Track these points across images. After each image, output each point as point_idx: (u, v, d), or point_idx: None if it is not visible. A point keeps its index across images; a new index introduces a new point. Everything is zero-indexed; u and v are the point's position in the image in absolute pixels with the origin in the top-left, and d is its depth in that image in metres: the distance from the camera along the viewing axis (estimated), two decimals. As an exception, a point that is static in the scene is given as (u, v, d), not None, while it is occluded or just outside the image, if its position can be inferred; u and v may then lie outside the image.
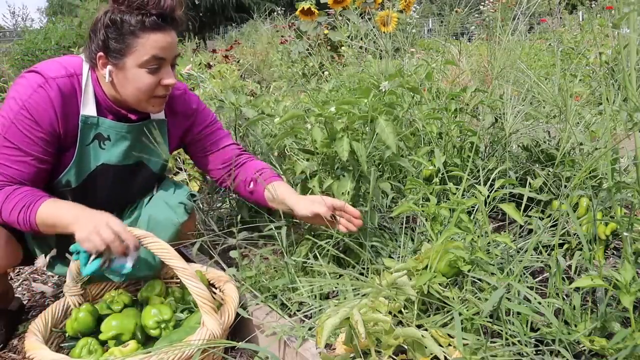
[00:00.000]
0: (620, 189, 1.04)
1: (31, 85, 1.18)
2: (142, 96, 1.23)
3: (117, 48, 1.17)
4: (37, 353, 1.05)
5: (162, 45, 1.18)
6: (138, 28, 1.15)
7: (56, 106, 1.19)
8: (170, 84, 1.23)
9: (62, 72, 1.21)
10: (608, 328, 0.98)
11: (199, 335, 1.07)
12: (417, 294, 1.11)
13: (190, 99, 1.46)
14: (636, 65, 0.94)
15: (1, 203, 1.18)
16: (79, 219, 1.15)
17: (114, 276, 1.33)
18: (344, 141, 1.32)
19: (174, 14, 1.20)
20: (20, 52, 7.77)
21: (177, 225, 1.38)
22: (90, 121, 1.25)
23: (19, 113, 1.17)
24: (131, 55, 1.17)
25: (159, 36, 1.17)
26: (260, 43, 6.58)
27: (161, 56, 1.19)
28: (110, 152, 1.30)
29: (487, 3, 4.06)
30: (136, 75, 1.19)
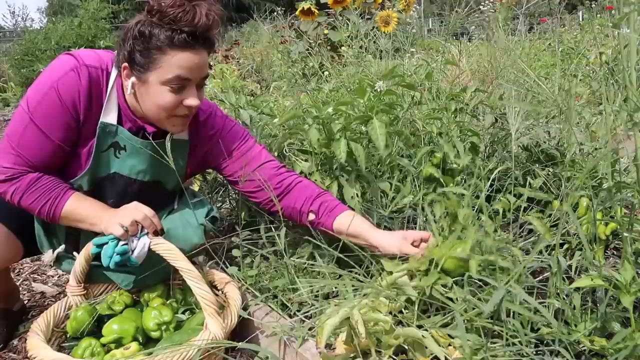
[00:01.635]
0: (620, 189, 1.04)
1: (63, 68, 1.16)
2: (162, 114, 1.18)
3: (142, 62, 1.13)
4: (39, 352, 1.05)
5: (189, 65, 1.12)
6: (166, 44, 1.10)
7: (82, 93, 1.16)
8: (192, 106, 1.17)
9: (96, 63, 1.19)
10: (608, 328, 0.98)
11: (201, 338, 1.07)
12: (418, 295, 1.11)
13: (215, 122, 1.38)
14: (636, 65, 0.94)
15: (23, 191, 1.18)
16: (107, 216, 1.18)
17: (121, 281, 1.33)
18: (342, 142, 1.32)
19: (208, 33, 1.13)
20: (20, 52, 7.76)
21: (191, 246, 1.36)
22: (109, 129, 1.22)
23: (46, 94, 1.15)
24: (155, 71, 1.13)
25: (186, 55, 1.11)
26: (260, 43, 6.58)
27: (186, 77, 1.13)
28: (123, 163, 1.27)
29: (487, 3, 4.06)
30: (158, 91, 1.14)
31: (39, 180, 1.19)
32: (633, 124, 0.91)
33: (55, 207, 1.19)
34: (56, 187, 1.20)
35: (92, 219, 1.20)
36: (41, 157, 1.18)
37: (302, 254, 1.43)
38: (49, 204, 1.19)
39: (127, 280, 1.34)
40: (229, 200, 2.03)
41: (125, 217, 1.16)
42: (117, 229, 1.14)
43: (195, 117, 1.34)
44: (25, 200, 1.19)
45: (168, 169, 1.25)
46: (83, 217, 1.21)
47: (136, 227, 1.17)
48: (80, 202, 1.22)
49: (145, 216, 1.17)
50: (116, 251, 1.14)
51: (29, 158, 1.17)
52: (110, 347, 1.18)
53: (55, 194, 1.20)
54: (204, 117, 1.37)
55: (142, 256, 1.17)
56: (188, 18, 1.09)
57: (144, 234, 1.18)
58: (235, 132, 1.40)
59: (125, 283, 1.34)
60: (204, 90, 1.24)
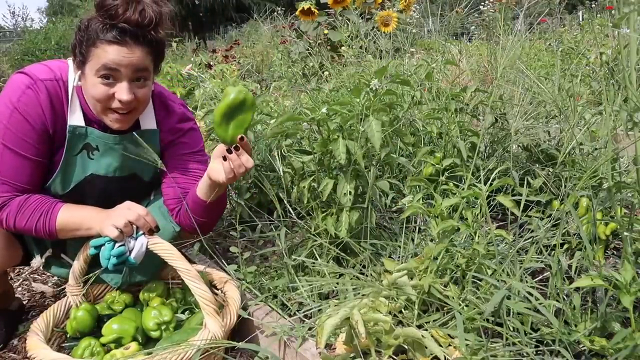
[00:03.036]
0: (620, 189, 1.04)
1: (19, 87, 1.18)
2: (97, 106, 1.19)
3: (80, 54, 1.16)
4: (39, 352, 1.05)
5: (117, 58, 1.12)
6: (97, 37, 1.12)
7: (44, 107, 1.18)
8: (122, 100, 1.16)
9: (50, 75, 1.21)
10: (608, 328, 0.98)
11: (201, 338, 1.07)
12: (418, 294, 1.11)
13: (189, 114, 1.43)
14: (636, 65, 0.94)
15: (15, 213, 1.19)
16: (101, 218, 1.18)
17: (110, 279, 1.33)
18: (340, 142, 1.32)
19: (144, 30, 1.14)
20: (20, 52, 7.78)
21: (174, 233, 1.37)
22: (79, 131, 1.23)
23: (11, 117, 1.17)
24: (89, 63, 1.15)
25: (114, 48, 1.12)
26: (260, 43, 6.58)
27: (112, 67, 1.13)
28: (99, 163, 1.28)
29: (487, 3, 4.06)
30: (91, 82, 1.16)
31: (27, 200, 1.20)
32: (633, 124, 0.91)
33: (49, 220, 1.20)
34: (46, 202, 1.21)
35: (87, 223, 1.21)
36: (25, 177, 1.20)
37: (302, 253, 1.43)
38: (42, 219, 1.20)
39: (116, 279, 1.35)
40: (228, 200, 2.03)
41: (119, 218, 1.16)
42: (111, 231, 1.15)
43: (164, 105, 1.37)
44: (19, 222, 1.20)
45: (142, 161, 1.27)
46: (78, 223, 1.21)
47: (131, 228, 1.17)
48: (73, 210, 1.22)
49: (139, 216, 1.17)
50: (112, 253, 1.14)
51: (14, 182, 1.19)
52: (110, 347, 1.18)
53: (46, 208, 1.21)
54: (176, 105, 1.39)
55: (140, 256, 1.17)
56: (121, 13, 1.11)
57: (140, 234, 1.17)
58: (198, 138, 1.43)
59: (114, 281, 1.35)
60: (148, 89, 1.23)
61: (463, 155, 1.55)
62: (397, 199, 1.74)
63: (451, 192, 1.32)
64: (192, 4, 16.03)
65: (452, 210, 1.47)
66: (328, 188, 1.38)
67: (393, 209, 1.75)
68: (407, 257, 1.36)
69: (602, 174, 1.33)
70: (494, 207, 1.79)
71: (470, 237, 1.26)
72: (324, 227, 1.42)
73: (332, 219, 1.41)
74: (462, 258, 1.15)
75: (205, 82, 2.59)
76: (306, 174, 1.53)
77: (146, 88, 1.22)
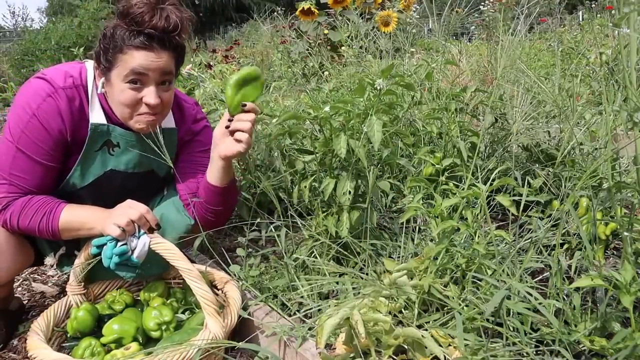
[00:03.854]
0: (620, 189, 1.04)
1: (40, 94, 1.19)
2: (125, 111, 1.22)
3: (105, 61, 1.19)
4: (39, 352, 1.05)
5: (145, 63, 1.16)
6: (125, 44, 1.15)
7: (64, 116, 1.20)
8: (150, 104, 1.20)
9: (69, 82, 1.23)
10: (608, 328, 0.98)
11: (201, 338, 1.07)
12: (418, 294, 1.11)
13: (202, 117, 1.47)
14: (636, 65, 0.94)
15: (18, 213, 1.20)
16: (103, 218, 1.19)
17: (125, 273, 1.34)
18: (342, 139, 1.32)
19: (169, 35, 1.18)
20: (20, 52, 7.77)
21: (188, 226, 1.38)
22: (101, 129, 1.26)
23: (29, 122, 1.18)
24: (115, 69, 1.18)
25: (142, 54, 1.16)
26: (260, 43, 6.58)
27: (141, 71, 1.17)
28: (119, 159, 1.31)
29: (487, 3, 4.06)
30: (119, 89, 1.19)
31: (31, 200, 1.21)
32: (633, 123, 0.91)
33: (52, 220, 1.21)
34: (49, 203, 1.22)
35: (90, 223, 1.21)
36: (35, 181, 1.22)
37: (302, 252, 1.43)
38: (45, 219, 1.21)
39: (130, 273, 1.35)
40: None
41: (121, 217, 1.17)
42: (114, 230, 1.15)
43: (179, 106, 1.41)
44: (23, 222, 1.21)
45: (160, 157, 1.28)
46: (81, 223, 1.22)
47: (133, 227, 1.17)
48: (75, 210, 1.23)
49: (140, 214, 1.18)
50: (114, 252, 1.15)
51: (22, 184, 1.21)
52: (111, 347, 1.18)
53: (49, 208, 1.22)
54: (188, 105, 1.43)
55: (142, 255, 1.18)
56: (147, 20, 1.14)
57: (143, 233, 1.18)
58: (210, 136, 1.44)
59: (128, 275, 1.36)
60: (172, 92, 1.27)
61: (463, 155, 1.55)
62: (397, 199, 1.74)
63: (451, 192, 1.32)
64: (192, 4, 16.02)
65: (452, 210, 1.47)
66: (329, 188, 1.38)
67: (393, 209, 1.75)
68: (407, 257, 1.36)
69: (602, 174, 1.33)
70: (494, 207, 1.79)
71: (470, 237, 1.26)
72: (324, 226, 1.42)
73: (332, 218, 1.41)
74: (462, 258, 1.15)
75: (205, 82, 2.59)
76: (307, 173, 1.53)
77: (170, 91, 1.25)
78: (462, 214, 1.21)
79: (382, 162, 1.57)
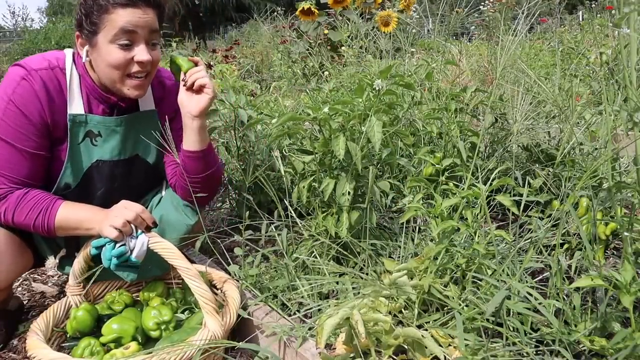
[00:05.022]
0: (620, 189, 1.04)
1: (14, 79, 1.18)
2: (115, 74, 1.19)
3: (90, 25, 1.16)
4: (39, 352, 1.05)
5: (131, 19, 1.15)
6: (110, 3, 1.13)
7: (41, 97, 1.18)
8: (143, 60, 1.18)
9: (44, 64, 1.21)
10: (608, 328, 0.98)
11: (200, 337, 1.07)
12: (418, 294, 1.11)
13: None
14: (636, 65, 0.94)
15: (13, 208, 1.19)
16: (99, 218, 1.18)
17: (126, 275, 1.34)
18: (340, 140, 1.32)
19: None
20: (20, 52, 7.79)
21: (188, 226, 1.38)
22: (79, 119, 1.25)
23: (6, 109, 1.17)
24: (102, 32, 1.16)
25: (129, 11, 1.14)
26: (260, 43, 6.58)
27: (130, 29, 1.15)
28: (103, 148, 1.30)
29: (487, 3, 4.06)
30: (107, 51, 1.16)
31: (27, 195, 1.19)
32: (633, 123, 0.90)
33: (48, 217, 1.19)
34: (45, 199, 1.21)
35: (87, 223, 1.20)
36: (23, 170, 1.19)
37: (302, 252, 1.43)
38: (41, 215, 1.19)
39: (132, 275, 1.35)
40: (229, 200, 2.03)
41: (117, 218, 1.16)
42: (111, 232, 1.15)
43: (162, 84, 1.39)
44: (18, 217, 1.19)
45: (144, 141, 1.32)
46: (78, 223, 1.21)
47: (129, 227, 1.17)
48: (72, 209, 1.22)
49: (136, 215, 1.17)
50: (113, 254, 1.15)
51: (10, 175, 1.19)
52: (110, 347, 1.18)
53: (46, 204, 1.20)
54: (171, 83, 1.41)
55: (142, 255, 1.17)
56: None
57: (141, 232, 1.17)
58: None
59: (130, 277, 1.35)
60: (159, 52, 1.26)
61: (463, 155, 1.55)
62: (397, 199, 1.74)
63: (451, 192, 1.32)
64: (192, 4, 16.03)
65: (452, 210, 1.47)
66: (329, 188, 1.38)
67: (393, 209, 1.75)
68: (407, 257, 1.36)
69: (602, 174, 1.33)
70: (494, 207, 1.79)
71: (470, 237, 1.26)
72: (324, 227, 1.42)
73: (332, 218, 1.41)
74: (462, 258, 1.15)
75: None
76: (307, 173, 1.53)
77: (158, 51, 1.25)
78: (462, 214, 1.21)
79: (382, 162, 1.57)
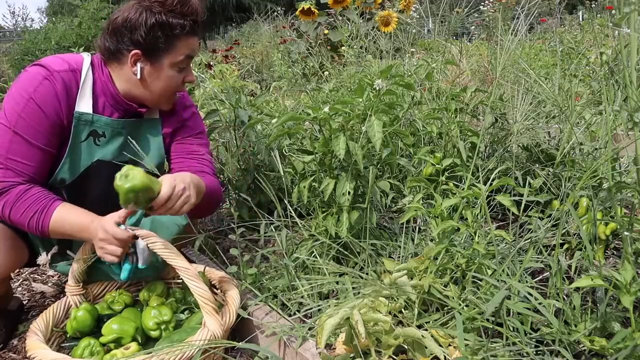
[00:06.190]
0: (620, 189, 1.04)
1: (36, 78, 1.20)
2: (170, 93, 1.32)
3: (159, 47, 1.24)
4: (38, 352, 1.05)
5: (194, 47, 1.30)
6: (183, 32, 1.25)
7: (61, 98, 1.22)
8: (192, 81, 1.34)
9: (65, 66, 1.24)
10: (608, 328, 0.98)
11: (200, 336, 1.07)
12: (418, 294, 1.11)
13: (189, 104, 1.49)
14: (636, 65, 0.94)
15: (12, 204, 1.19)
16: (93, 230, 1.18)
17: (117, 276, 1.34)
18: (341, 139, 1.32)
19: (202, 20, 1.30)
20: (20, 52, 7.78)
21: (180, 227, 1.38)
22: (85, 118, 1.26)
23: (26, 106, 1.18)
24: (169, 55, 1.26)
25: (194, 40, 1.29)
26: (260, 43, 6.58)
27: (192, 55, 1.30)
28: (105, 149, 1.31)
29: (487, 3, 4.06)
30: (169, 73, 1.28)
31: (28, 191, 1.20)
32: (633, 123, 0.90)
33: (42, 219, 1.19)
34: (44, 198, 1.21)
35: (80, 233, 1.20)
36: (32, 165, 1.21)
37: (302, 252, 1.43)
38: (37, 216, 1.19)
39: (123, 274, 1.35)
40: (229, 200, 2.03)
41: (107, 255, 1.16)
42: (109, 259, 1.17)
43: None
44: (14, 214, 1.19)
45: (145, 147, 1.36)
46: (71, 230, 1.20)
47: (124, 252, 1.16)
48: (68, 214, 1.20)
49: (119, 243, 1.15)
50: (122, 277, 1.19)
51: (19, 170, 1.19)
52: (110, 347, 1.18)
53: (43, 205, 1.20)
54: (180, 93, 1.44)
55: (147, 259, 1.19)
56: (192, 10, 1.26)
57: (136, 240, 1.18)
58: (199, 121, 1.52)
59: (123, 276, 1.35)
60: None
61: (463, 155, 1.55)
62: (397, 199, 1.74)
63: (451, 192, 1.32)
64: (192, 4, 16.00)
65: (452, 210, 1.47)
66: (329, 188, 1.38)
67: (393, 209, 1.75)
68: (407, 257, 1.36)
69: (602, 174, 1.33)
70: (494, 207, 1.79)
71: (470, 237, 1.26)
72: (324, 227, 1.42)
73: (332, 218, 1.41)
74: (462, 258, 1.15)
75: (205, 82, 2.59)
76: (307, 173, 1.53)
77: None
78: (462, 214, 1.21)
79: (382, 162, 1.57)
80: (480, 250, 1.12)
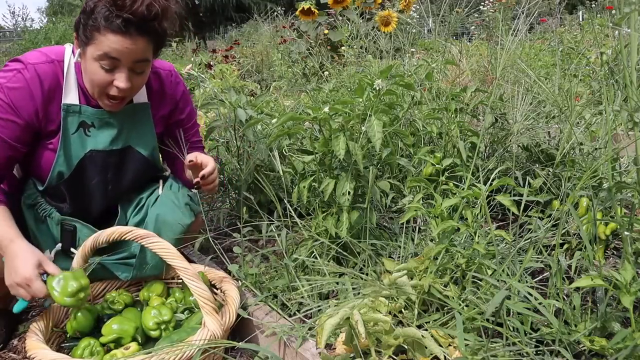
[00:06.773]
0: (620, 189, 1.04)
1: (10, 71, 1.20)
2: (95, 89, 1.22)
3: (83, 35, 1.18)
4: (38, 353, 1.05)
5: (117, 47, 1.14)
6: (103, 25, 1.12)
7: (34, 90, 1.19)
8: (120, 87, 1.19)
9: (42, 59, 1.23)
10: (608, 328, 0.98)
11: (199, 336, 1.07)
12: (418, 294, 1.11)
13: (179, 80, 1.46)
14: (636, 65, 0.94)
15: None
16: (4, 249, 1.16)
17: (120, 273, 1.34)
18: (341, 139, 1.32)
19: (149, 23, 1.14)
20: (20, 52, 7.78)
21: (184, 226, 1.37)
22: (72, 109, 1.25)
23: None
24: (90, 46, 1.16)
25: (118, 39, 1.13)
26: (260, 43, 6.58)
27: (114, 56, 1.15)
28: (96, 139, 1.30)
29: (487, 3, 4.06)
30: (92, 66, 1.18)
31: None
32: (633, 123, 0.90)
33: None
34: None
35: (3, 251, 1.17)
36: None
37: (302, 252, 1.43)
38: None
39: (126, 273, 1.36)
40: (229, 200, 2.03)
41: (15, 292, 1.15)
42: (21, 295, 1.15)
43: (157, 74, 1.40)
44: None
45: (138, 133, 1.34)
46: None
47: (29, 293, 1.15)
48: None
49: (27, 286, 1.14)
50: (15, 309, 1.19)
51: None
52: (110, 347, 1.18)
53: None
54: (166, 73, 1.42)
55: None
56: (128, 4, 1.11)
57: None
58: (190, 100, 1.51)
59: (124, 275, 1.36)
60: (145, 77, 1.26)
61: (463, 155, 1.55)
62: (397, 199, 1.74)
63: (451, 192, 1.32)
64: (192, 4, 16.04)
65: (452, 210, 1.47)
66: (329, 188, 1.38)
67: (393, 209, 1.75)
68: (407, 257, 1.36)
69: (602, 174, 1.33)
70: (494, 207, 1.79)
71: (470, 237, 1.26)
72: (324, 227, 1.42)
73: (332, 218, 1.41)
74: (462, 258, 1.15)
75: (205, 82, 2.59)
76: (307, 173, 1.53)
77: (143, 76, 1.24)
78: (462, 214, 1.21)
79: (382, 162, 1.57)
80: (480, 250, 1.11)
